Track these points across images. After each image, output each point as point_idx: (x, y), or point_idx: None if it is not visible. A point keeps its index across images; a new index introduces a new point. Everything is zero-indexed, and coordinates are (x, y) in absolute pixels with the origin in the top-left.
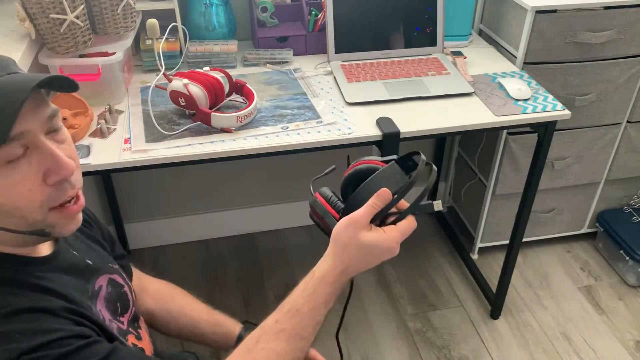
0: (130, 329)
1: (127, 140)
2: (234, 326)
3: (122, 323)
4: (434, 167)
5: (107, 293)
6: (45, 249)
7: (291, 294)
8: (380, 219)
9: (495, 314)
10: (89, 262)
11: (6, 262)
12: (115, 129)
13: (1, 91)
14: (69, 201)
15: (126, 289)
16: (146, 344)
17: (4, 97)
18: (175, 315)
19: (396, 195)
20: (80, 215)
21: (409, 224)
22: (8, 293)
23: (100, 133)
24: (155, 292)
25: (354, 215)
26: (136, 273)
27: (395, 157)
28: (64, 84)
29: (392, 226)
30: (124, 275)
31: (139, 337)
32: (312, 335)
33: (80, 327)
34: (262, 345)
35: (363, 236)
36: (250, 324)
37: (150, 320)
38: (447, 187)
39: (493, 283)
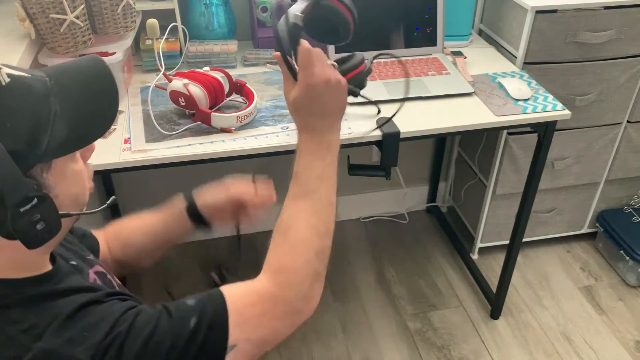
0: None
1: (127, 140)
2: (178, 203)
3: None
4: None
5: (101, 285)
6: (46, 264)
7: (296, 179)
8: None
9: (495, 314)
10: (74, 262)
11: (25, 284)
12: (115, 129)
13: (95, 89)
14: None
15: (109, 276)
16: None
17: (100, 92)
18: (133, 243)
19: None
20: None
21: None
22: (45, 308)
23: None
24: (106, 244)
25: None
26: (98, 241)
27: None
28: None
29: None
30: (97, 259)
31: None
32: (322, 187)
33: (125, 302)
34: (287, 213)
35: (293, 94)
36: (187, 194)
37: (123, 267)
38: (447, 187)
39: (493, 283)
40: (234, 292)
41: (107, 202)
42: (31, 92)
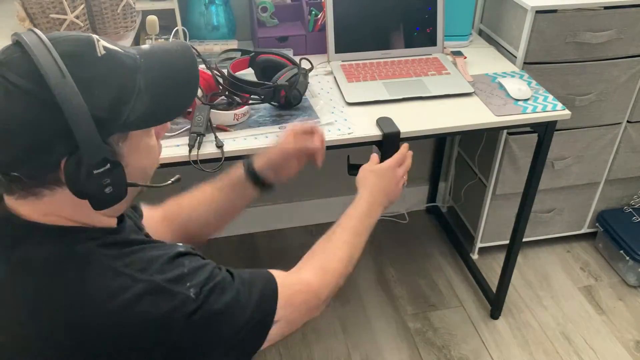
0: None
1: None
2: (237, 170)
3: None
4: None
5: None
6: (113, 223)
7: (352, 219)
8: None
9: (495, 314)
10: (139, 224)
11: (103, 231)
12: None
13: (178, 68)
14: None
15: None
16: None
17: (182, 74)
18: (196, 218)
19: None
20: None
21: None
22: (138, 251)
23: None
24: (164, 220)
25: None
26: (145, 216)
27: None
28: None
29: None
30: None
31: None
32: (363, 235)
33: (206, 259)
34: (337, 237)
35: (373, 170)
36: (246, 161)
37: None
38: (447, 187)
39: (493, 283)
40: (285, 278)
41: (172, 180)
42: (121, 66)
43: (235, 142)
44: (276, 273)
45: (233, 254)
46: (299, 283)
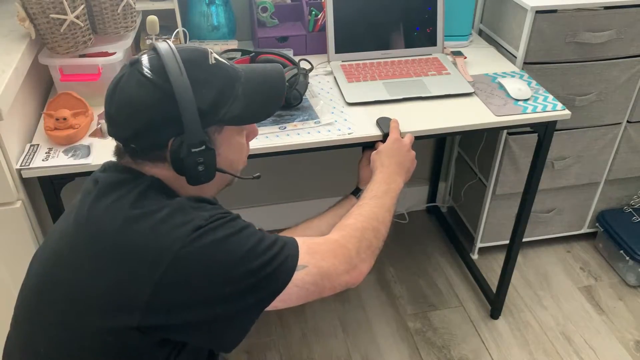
0: None
1: None
2: (350, 199)
3: None
4: None
5: None
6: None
7: (368, 192)
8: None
9: (495, 314)
10: None
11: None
12: None
13: (269, 82)
14: None
15: None
16: None
17: (272, 87)
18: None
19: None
20: None
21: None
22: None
23: (100, 133)
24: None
25: (394, 136)
26: None
27: None
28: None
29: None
30: None
31: None
32: (389, 206)
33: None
34: (364, 206)
35: (403, 142)
36: (355, 190)
37: None
38: (447, 187)
39: (493, 283)
40: (304, 239)
41: (254, 175)
42: (225, 75)
43: None
44: (300, 240)
45: None
46: (318, 239)
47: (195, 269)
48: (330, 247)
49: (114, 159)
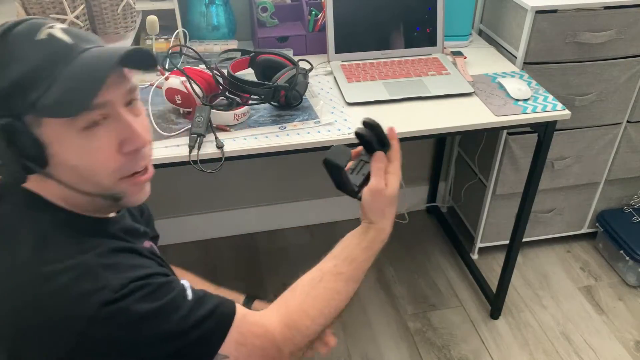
0: None
1: None
2: (238, 296)
3: None
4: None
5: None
6: (113, 213)
7: (344, 245)
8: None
9: (495, 314)
10: (139, 227)
11: (84, 220)
12: None
13: (90, 63)
14: (139, 171)
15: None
16: None
17: (92, 69)
18: None
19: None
20: (148, 186)
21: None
22: (96, 237)
23: None
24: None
25: (373, 185)
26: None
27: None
28: (143, 61)
29: (392, 174)
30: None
31: None
32: (362, 278)
33: (163, 267)
34: (324, 284)
35: (389, 194)
36: (251, 297)
37: None
38: (447, 187)
39: (493, 283)
40: (247, 315)
41: (114, 194)
42: (50, 53)
43: (235, 142)
44: (242, 311)
45: (233, 254)
46: (260, 326)
47: (103, 350)
48: (263, 344)
49: None
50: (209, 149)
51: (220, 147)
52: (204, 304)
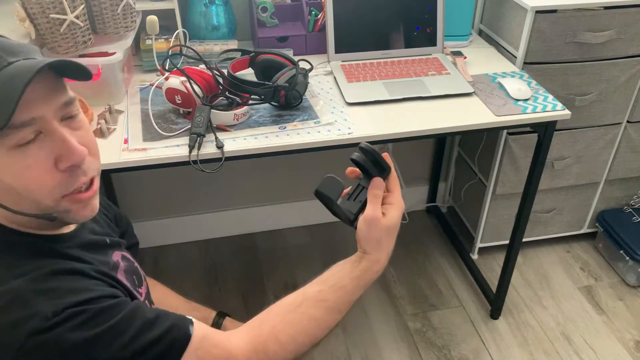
0: (146, 302)
1: (126, 140)
2: (209, 312)
3: (141, 295)
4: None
5: (125, 265)
6: (68, 227)
7: (334, 271)
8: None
9: (495, 314)
10: (107, 239)
11: (32, 239)
12: (115, 129)
13: (8, 78)
14: (81, 188)
15: (136, 264)
16: None
17: (9, 83)
18: (156, 303)
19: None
20: (95, 202)
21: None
22: (39, 259)
23: (100, 133)
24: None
25: (369, 215)
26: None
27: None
28: (75, 71)
29: (391, 205)
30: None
31: None
32: (345, 312)
33: (112, 288)
34: (303, 309)
35: (385, 224)
36: (222, 314)
37: None
38: (447, 187)
39: (493, 283)
40: (208, 337)
41: (39, 213)
42: None
43: (235, 142)
44: (201, 326)
45: (233, 254)
46: (222, 348)
47: None
48: None
49: None
50: (209, 149)
51: (220, 147)
52: (154, 327)
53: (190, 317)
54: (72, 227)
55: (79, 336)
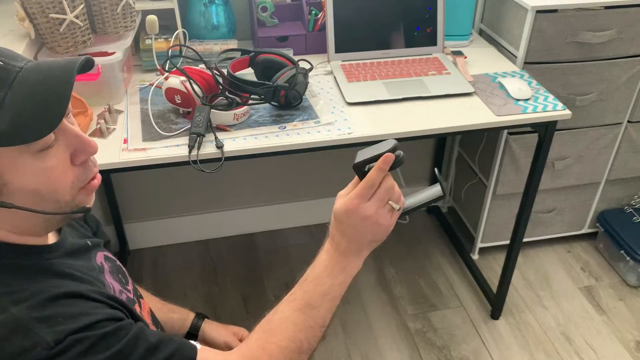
0: (134, 298)
1: (126, 140)
2: (188, 313)
3: (130, 292)
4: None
5: (109, 267)
6: (50, 236)
7: (300, 283)
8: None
9: (495, 314)
10: (88, 242)
11: (19, 251)
12: (114, 128)
13: (43, 82)
14: (93, 177)
15: (118, 262)
16: (145, 313)
17: (50, 88)
18: None
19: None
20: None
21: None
22: (36, 281)
23: (100, 133)
24: None
25: (343, 192)
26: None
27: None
28: (88, 66)
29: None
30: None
31: (140, 306)
32: (322, 305)
33: (113, 310)
34: (279, 315)
35: (341, 205)
36: (201, 315)
37: None
38: (447, 187)
39: (493, 283)
40: (208, 355)
41: (74, 210)
42: None
43: (235, 142)
44: (203, 349)
45: (233, 254)
46: None
47: None
48: None
49: None
50: (208, 148)
51: (220, 147)
52: (158, 352)
53: (194, 343)
54: (55, 237)
55: (90, 358)
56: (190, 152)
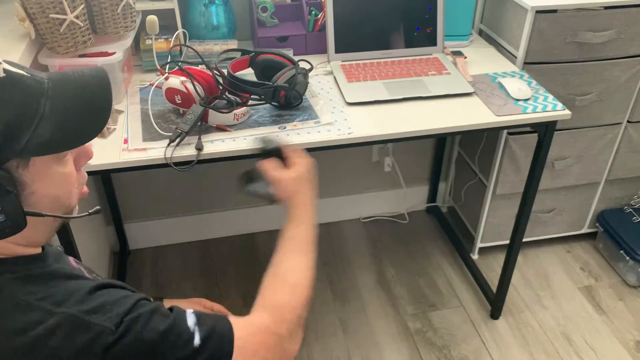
0: None
1: (126, 140)
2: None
3: None
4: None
5: (84, 267)
6: (36, 249)
7: (283, 238)
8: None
9: (495, 314)
10: (58, 247)
11: (26, 262)
12: (115, 128)
13: (78, 93)
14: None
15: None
16: None
17: (89, 99)
18: None
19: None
20: None
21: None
22: (58, 285)
23: (100, 133)
24: None
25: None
26: None
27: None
28: None
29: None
30: None
31: None
32: (311, 249)
33: (136, 294)
34: (285, 263)
35: (288, 176)
36: (158, 298)
37: None
38: (447, 187)
39: (493, 283)
40: (237, 322)
41: (90, 211)
42: (23, 89)
43: (235, 142)
44: (233, 319)
45: (233, 254)
46: (250, 326)
47: None
48: (263, 338)
49: None
50: (209, 148)
51: (199, 148)
52: (202, 323)
53: (223, 314)
54: (38, 251)
55: (150, 334)
56: (168, 144)
